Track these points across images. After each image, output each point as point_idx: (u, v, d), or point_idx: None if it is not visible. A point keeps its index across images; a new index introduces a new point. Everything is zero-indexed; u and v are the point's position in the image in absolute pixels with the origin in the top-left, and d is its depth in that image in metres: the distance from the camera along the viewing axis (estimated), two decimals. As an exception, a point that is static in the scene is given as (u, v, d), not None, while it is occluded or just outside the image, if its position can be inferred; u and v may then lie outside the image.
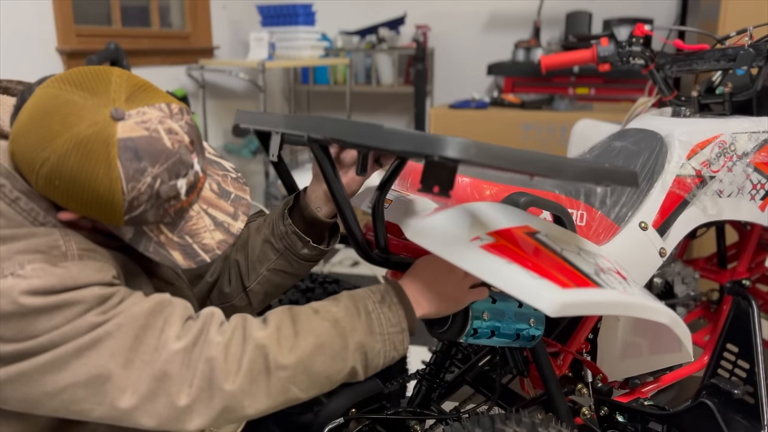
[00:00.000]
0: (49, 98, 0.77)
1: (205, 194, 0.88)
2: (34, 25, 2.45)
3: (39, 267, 0.74)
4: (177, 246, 0.85)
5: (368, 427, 1.24)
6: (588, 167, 0.74)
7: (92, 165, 0.75)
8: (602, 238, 1.15)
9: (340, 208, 0.96)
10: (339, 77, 4.08)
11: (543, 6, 3.67)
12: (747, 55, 1.38)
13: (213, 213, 0.88)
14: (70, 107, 0.76)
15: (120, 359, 0.76)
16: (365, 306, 0.87)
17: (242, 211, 0.91)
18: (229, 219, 0.89)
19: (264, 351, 0.79)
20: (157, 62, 3.10)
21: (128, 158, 0.76)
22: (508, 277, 0.77)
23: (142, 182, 0.77)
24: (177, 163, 0.79)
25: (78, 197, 0.77)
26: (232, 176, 0.94)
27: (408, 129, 0.70)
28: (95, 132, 0.75)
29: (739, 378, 1.41)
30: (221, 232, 0.88)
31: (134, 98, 0.79)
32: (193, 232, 0.86)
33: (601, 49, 1.58)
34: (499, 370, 1.27)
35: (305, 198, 1.08)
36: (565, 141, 2.89)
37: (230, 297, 1.12)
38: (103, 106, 0.76)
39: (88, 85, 0.78)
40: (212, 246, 0.87)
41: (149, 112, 0.78)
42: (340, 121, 0.77)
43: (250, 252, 1.10)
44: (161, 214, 0.81)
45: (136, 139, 0.76)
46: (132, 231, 0.82)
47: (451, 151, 0.64)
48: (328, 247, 1.09)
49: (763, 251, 1.73)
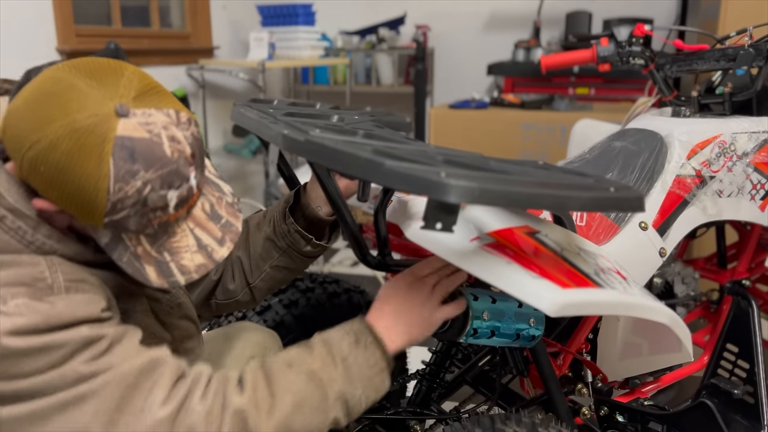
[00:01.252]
0: (54, 80, 0.73)
1: (196, 213, 0.83)
2: (34, 25, 2.45)
3: (23, 303, 0.70)
4: (153, 261, 0.79)
5: (368, 427, 1.24)
6: (593, 197, 0.71)
7: (83, 157, 0.71)
8: (602, 238, 1.15)
9: (341, 214, 0.96)
10: (339, 77, 4.08)
11: (543, 6, 3.66)
12: (747, 55, 1.38)
13: (199, 234, 0.82)
14: (73, 93, 0.72)
15: (103, 418, 0.71)
16: (340, 351, 0.83)
17: (230, 237, 0.84)
18: (214, 244, 0.83)
19: (243, 417, 0.75)
20: (157, 62, 3.10)
21: (122, 157, 0.71)
22: (508, 277, 0.77)
23: (130, 185, 0.72)
24: (172, 173, 0.75)
25: (60, 188, 0.72)
26: (228, 200, 0.88)
27: (411, 165, 0.66)
28: (94, 123, 0.71)
29: (739, 378, 1.41)
30: (203, 255, 0.82)
31: (143, 98, 0.75)
32: (174, 250, 0.80)
33: (601, 49, 1.58)
34: (499, 370, 1.27)
35: (306, 197, 1.08)
36: (565, 141, 2.89)
37: (234, 293, 1.13)
38: (108, 98, 0.72)
39: (97, 74, 0.74)
40: (190, 268, 0.80)
41: (155, 115, 0.75)
42: (341, 153, 0.72)
43: (252, 249, 1.11)
44: (144, 223, 0.76)
45: (135, 139, 0.72)
46: (109, 236, 0.77)
47: (454, 196, 0.61)
48: (330, 243, 1.10)
49: (763, 251, 1.73)
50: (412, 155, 0.73)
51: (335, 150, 0.71)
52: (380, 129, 0.96)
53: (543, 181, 0.70)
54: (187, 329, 1.00)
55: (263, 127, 0.86)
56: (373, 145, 0.77)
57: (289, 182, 1.15)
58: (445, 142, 3.08)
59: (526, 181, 0.68)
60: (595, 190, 0.73)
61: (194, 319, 1.04)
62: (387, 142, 0.82)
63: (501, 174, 0.70)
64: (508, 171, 0.74)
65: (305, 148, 0.76)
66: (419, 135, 3.74)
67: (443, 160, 0.75)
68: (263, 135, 0.86)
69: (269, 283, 1.12)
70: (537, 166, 0.85)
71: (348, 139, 0.80)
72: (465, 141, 3.04)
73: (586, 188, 0.73)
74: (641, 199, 0.75)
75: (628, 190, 0.77)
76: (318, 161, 0.75)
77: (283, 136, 0.79)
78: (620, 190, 0.75)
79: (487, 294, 0.97)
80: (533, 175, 0.75)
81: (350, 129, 0.89)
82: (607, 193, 0.73)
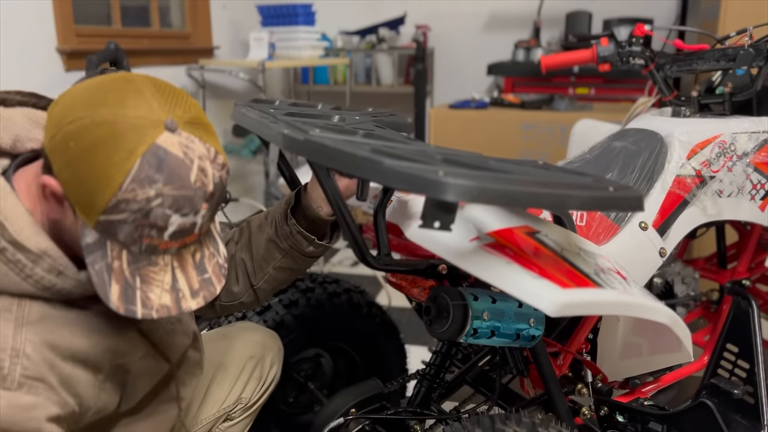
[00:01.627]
0: (125, 80, 0.75)
1: (185, 255, 0.80)
2: (34, 25, 2.45)
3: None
4: (122, 281, 0.76)
5: (368, 427, 1.24)
6: (592, 196, 0.71)
7: (114, 147, 0.71)
8: (602, 238, 1.15)
9: (341, 214, 0.96)
10: (339, 77, 4.08)
11: (543, 6, 3.66)
12: (747, 55, 1.38)
13: (178, 275, 0.79)
14: (135, 96, 0.74)
15: None
16: None
17: (204, 294, 0.81)
18: (187, 292, 0.80)
19: None
20: (157, 62, 3.10)
21: (150, 163, 0.72)
22: (508, 277, 0.77)
23: (144, 190, 0.72)
24: (186, 198, 0.75)
25: (77, 168, 0.72)
26: (219, 261, 0.85)
27: (410, 164, 0.66)
28: (141, 124, 0.72)
29: (739, 378, 1.40)
30: (171, 298, 0.78)
31: (194, 126, 0.77)
32: (147, 279, 0.77)
33: (601, 49, 1.58)
34: (499, 370, 1.27)
35: (307, 197, 1.09)
36: (565, 141, 2.89)
37: (239, 295, 1.14)
38: (164, 111, 0.75)
39: (165, 91, 0.77)
40: (152, 304, 0.77)
41: (197, 144, 0.76)
42: (339, 152, 0.72)
43: (255, 251, 1.11)
44: (134, 237, 0.74)
45: (169, 153, 0.73)
46: (95, 237, 0.75)
47: (452, 195, 0.61)
48: (332, 242, 1.10)
49: (763, 251, 1.73)
50: (411, 154, 0.73)
51: (334, 149, 0.71)
52: (381, 129, 0.96)
53: (542, 180, 0.70)
54: (186, 345, 1.01)
55: (263, 126, 0.86)
56: (372, 144, 0.77)
57: (290, 182, 1.15)
58: (445, 142, 3.08)
59: (524, 180, 0.68)
60: (594, 190, 0.73)
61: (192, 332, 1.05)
62: (386, 142, 0.82)
63: (500, 173, 0.70)
64: (508, 170, 0.74)
65: (304, 147, 0.76)
66: (419, 135, 3.74)
67: (442, 159, 0.75)
68: (263, 134, 0.86)
69: (272, 284, 1.12)
70: (536, 166, 0.85)
71: (347, 138, 0.80)
72: (465, 141, 3.04)
73: (585, 187, 0.73)
74: (640, 199, 0.75)
75: (628, 189, 0.77)
76: (317, 160, 0.75)
77: (283, 135, 0.79)
78: (619, 190, 0.75)
79: (487, 294, 0.97)
80: (533, 175, 0.75)
81: (350, 129, 0.89)
82: (606, 192, 0.73)
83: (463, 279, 1.14)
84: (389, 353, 1.62)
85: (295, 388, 1.57)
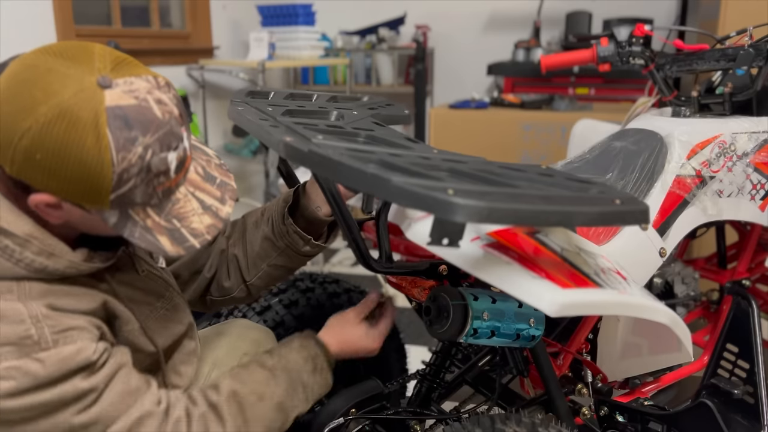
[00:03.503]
0: (27, 68, 0.72)
1: (192, 176, 0.83)
2: (34, 25, 2.45)
3: (13, 366, 0.71)
4: (165, 231, 0.79)
5: (368, 427, 1.24)
6: (599, 212, 0.71)
7: (79, 134, 0.69)
8: (602, 238, 1.15)
9: (342, 217, 0.96)
10: (339, 77, 4.08)
11: (543, 6, 3.66)
12: (747, 55, 1.38)
13: (200, 196, 0.83)
14: (53, 75, 0.70)
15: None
16: (301, 380, 0.97)
17: (229, 195, 0.86)
18: (216, 203, 0.84)
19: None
20: (157, 62, 3.10)
21: (118, 126, 0.71)
22: (508, 277, 0.77)
23: (132, 152, 0.72)
24: (168, 134, 0.75)
25: (61, 172, 0.71)
26: (216, 162, 0.89)
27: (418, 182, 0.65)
28: (82, 99, 0.70)
29: (739, 378, 1.40)
30: (210, 216, 0.83)
31: (120, 68, 0.74)
32: (181, 216, 0.80)
33: (601, 49, 1.58)
34: (499, 370, 1.27)
35: (305, 197, 1.08)
36: (565, 141, 2.88)
37: (230, 291, 1.14)
38: (88, 74, 0.71)
39: (69, 54, 0.73)
40: (201, 230, 0.81)
41: (137, 82, 0.74)
42: (346, 167, 0.70)
43: (249, 248, 1.11)
44: (150, 192, 0.76)
45: (125, 107, 0.72)
46: (117, 214, 0.76)
47: (462, 216, 0.61)
48: (327, 243, 1.10)
49: (763, 251, 1.73)
50: (416, 166, 0.71)
51: (339, 163, 0.70)
52: (381, 128, 0.96)
53: (549, 195, 0.69)
54: (179, 332, 1.01)
55: (264, 132, 0.84)
56: (377, 154, 0.75)
57: (289, 181, 1.14)
58: (445, 142, 3.08)
59: (531, 196, 0.67)
60: (600, 204, 0.72)
61: (189, 322, 1.04)
62: (390, 148, 0.81)
63: (507, 188, 0.69)
64: (514, 182, 0.73)
65: (308, 159, 0.74)
66: (419, 135, 3.74)
67: (448, 170, 0.74)
68: (264, 140, 0.84)
69: (266, 280, 1.12)
70: (540, 172, 0.84)
71: (351, 146, 0.78)
72: (465, 141, 3.04)
73: (591, 202, 0.72)
74: (646, 213, 0.75)
75: (634, 202, 0.76)
76: (321, 173, 0.74)
77: (285, 144, 0.77)
78: (626, 203, 0.74)
79: (487, 294, 0.97)
80: (538, 185, 0.74)
81: (351, 131, 0.89)
82: (612, 206, 0.73)
83: (463, 279, 1.14)
84: (389, 353, 1.61)
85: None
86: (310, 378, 0.98)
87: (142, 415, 0.80)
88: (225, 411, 0.88)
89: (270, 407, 0.92)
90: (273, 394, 0.93)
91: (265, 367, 0.96)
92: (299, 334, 1.05)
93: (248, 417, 0.89)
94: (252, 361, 0.97)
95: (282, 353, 0.99)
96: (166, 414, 0.83)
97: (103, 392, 0.78)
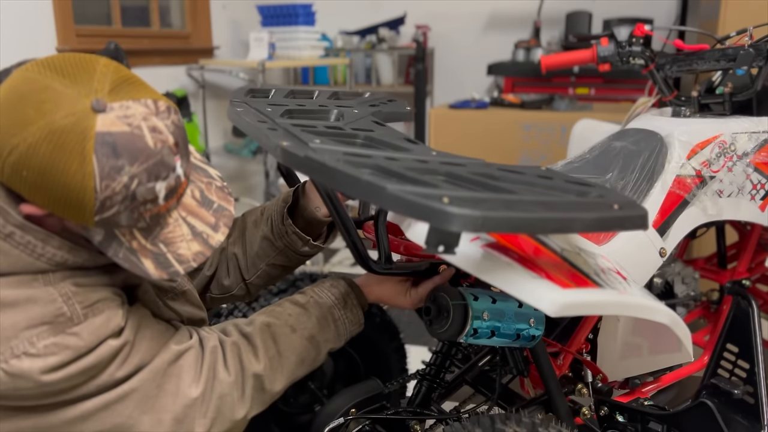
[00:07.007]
0: (26, 81, 0.71)
1: (186, 201, 0.82)
2: (34, 25, 2.45)
3: (51, 342, 0.74)
4: (150, 254, 0.79)
5: (368, 427, 1.24)
6: (597, 218, 0.70)
7: (65, 158, 0.69)
8: (602, 238, 1.15)
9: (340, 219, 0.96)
10: (339, 77, 4.08)
11: (543, 6, 3.66)
12: (747, 55, 1.38)
13: (192, 222, 0.82)
14: (48, 93, 0.70)
15: (144, 407, 0.80)
16: (332, 315, 0.98)
17: (224, 222, 0.85)
18: (208, 230, 0.83)
19: (261, 380, 0.90)
20: (157, 62, 3.10)
21: (105, 154, 0.70)
22: (508, 277, 0.77)
23: (117, 181, 0.71)
24: (158, 164, 0.74)
25: (46, 191, 0.71)
26: (217, 185, 0.88)
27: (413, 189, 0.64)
28: (72, 123, 0.69)
29: (739, 378, 1.40)
30: (199, 243, 0.82)
31: (119, 90, 0.73)
32: (169, 241, 0.80)
33: (601, 49, 1.58)
34: (499, 370, 1.27)
35: (304, 197, 1.08)
36: (565, 141, 2.88)
37: (230, 288, 1.15)
38: (84, 95, 0.71)
39: (70, 71, 0.72)
40: (188, 257, 0.81)
41: (133, 107, 0.73)
42: (342, 174, 0.70)
43: (248, 247, 1.11)
44: (135, 217, 0.76)
45: (115, 134, 0.71)
46: (102, 233, 0.76)
47: (457, 226, 0.60)
48: (327, 243, 1.10)
49: (763, 251, 1.73)
50: (412, 171, 0.71)
51: (335, 170, 0.69)
52: (380, 127, 0.96)
53: (546, 202, 0.68)
54: (193, 315, 1.01)
55: (262, 135, 0.83)
56: (374, 158, 0.75)
57: (289, 180, 1.14)
58: (445, 142, 3.08)
59: (529, 202, 0.67)
60: (599, 210, 0.72)
61: (200, 305, 1.05)
62: (388, 151, 0.81)
63: (504, 193, 0.69)
64: (511, 187, 0.72)
65: (305, 165, 0.73)
66: (419, 135, 3.74)
67: (445, 174, 0.73)
68: (262, 144, 0.84)
69: (265, 279, 1.14)
70: (540, 175, 0.83)
71: (348, 150, 0.77)
72: (465, 141, 3.04)
73: (590, 208, 0.72)
74: (645, 218, 0.74)
75: (633, 207, 0.75)
76: (318, 179, 0.74)
77: (282, 149, 0.76)
78: (624, 208, 0.74)
79: (487, 294, 0.97)
80: (536, 189, 0.73)
81: (350, 132, 0.88)
82: (611, 212, 0.72)
83: (463, 279, 1.14)
84: (389, 353, 1.61)
85: (295, 387, 1.57)
86: (341, 314, 0.99)
87: (180, 349, 0.85)
88: (258, 340, 0.91)
89: (302, 339, 0.94)
90: (305, 327, 0.95)
91: (297, 304, 0.98)
92: (332, 276, 1.07)
93: (281, 348, 0.92)
94: (284, 299, 1.00)
95: (314, 291, 1.01)
96: (201, 345, 0.87)
97: (135, 342, 0.81)
